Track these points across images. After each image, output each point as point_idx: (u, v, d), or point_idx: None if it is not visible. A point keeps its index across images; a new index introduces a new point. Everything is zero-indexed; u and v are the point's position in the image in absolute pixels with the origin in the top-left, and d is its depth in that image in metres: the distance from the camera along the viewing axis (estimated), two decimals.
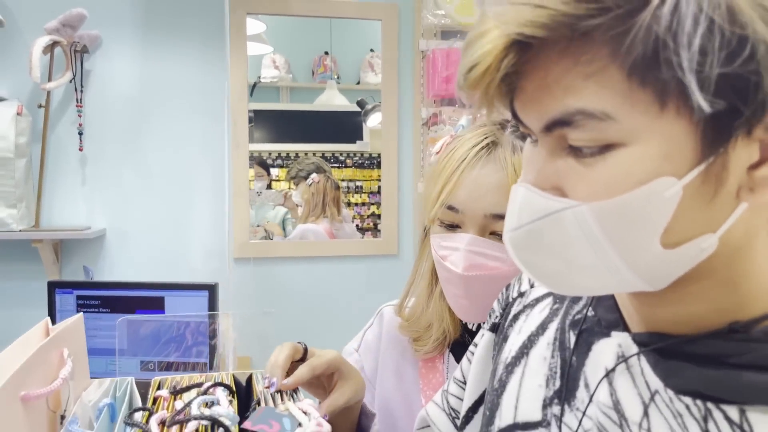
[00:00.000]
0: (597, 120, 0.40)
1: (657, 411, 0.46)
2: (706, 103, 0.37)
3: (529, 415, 0.57)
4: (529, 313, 0.64)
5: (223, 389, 0.60)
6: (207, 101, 2.19)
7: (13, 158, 1.93)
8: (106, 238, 2.16)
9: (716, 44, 0.36)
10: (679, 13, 0.36)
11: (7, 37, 2.04)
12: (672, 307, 0.47)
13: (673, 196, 0.40)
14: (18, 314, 2.07)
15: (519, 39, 0.40)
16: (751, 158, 0.41)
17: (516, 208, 0.46)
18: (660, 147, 0.40)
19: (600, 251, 0.43)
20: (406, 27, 2.30)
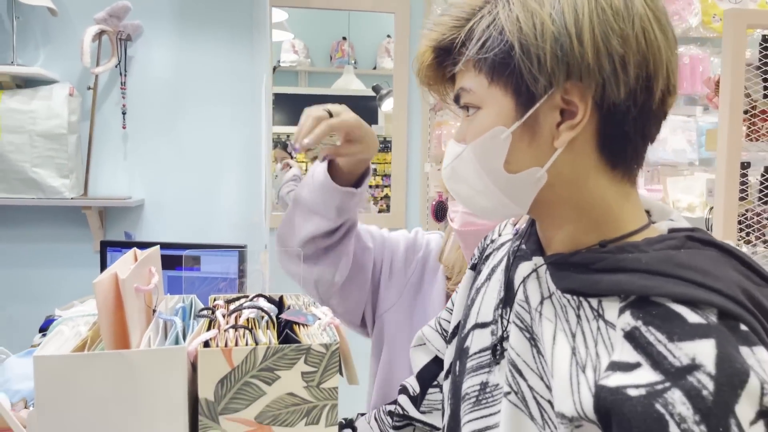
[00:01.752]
0: (466, 92, 0.67)
1: (549, 302, 0.69)
2: (512, 83, 0.64)
3: (485, 317, 0.80)
4: (496, 253, 0.87)
5: (263, 299, 0.84)
6: (235, 85, 2.43)
7: (66, 134, 2.18)
8: (144, 207, 2.41)
9: (501, 46, 0.63)
10: (488, 27, 0.64)
11: (59, 26, 2.29)
12: (556, 230, 0.70)
13: (506, 138, 0.65)
14: (68, 272, 2.34)
15: (434, 47, 0.69)
16: (555, 119, 0.64)
17: (447, 153, 0.72)
18: (495, 108, 0.65)
19: (480, 177, 0.68)
20: (417, 19, 2.51)
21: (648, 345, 0.58)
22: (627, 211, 0.68)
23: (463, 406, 0.79)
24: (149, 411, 0.66)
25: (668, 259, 0.62)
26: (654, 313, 0.59)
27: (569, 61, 0.61)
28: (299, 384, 0.69)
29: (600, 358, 0.62)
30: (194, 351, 0.68)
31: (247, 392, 0.67)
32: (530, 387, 0.69)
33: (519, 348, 0.71)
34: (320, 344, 0.69)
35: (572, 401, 0.61)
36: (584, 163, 0.66)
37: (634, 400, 0.55)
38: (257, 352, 0.67)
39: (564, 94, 0.63)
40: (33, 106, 2.15)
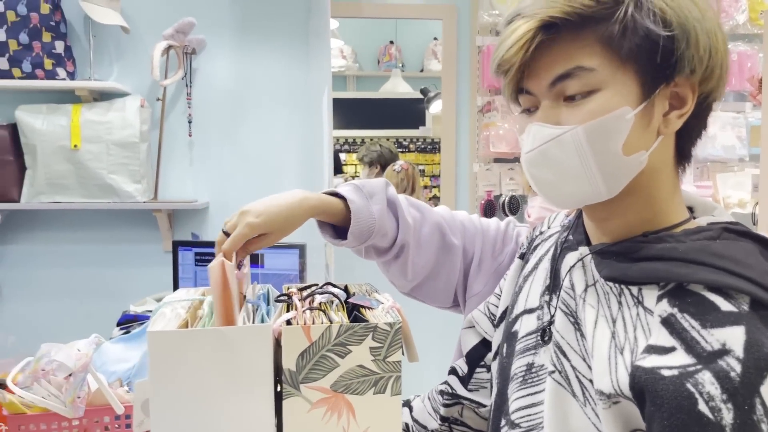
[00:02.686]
0: (587, 71, 0.68)
1: (593, 289, 0.76)
2: (639, 69, 0.68)
3: (532, 303, 0.88)
4: (543, 244, 0.94)
5: (332, 287, 0.95)
6: (291, 91, 2.56)
7: (138, 142, 2.35)
8: (209, 209, 2.57)
9: (651, 33, 0.67)
10: (635, 13, 0.68)
11: (131, 43, 2.47)
12: (614, 220, 0.75)
13: (630, 119, 0.68)
14: (140, 271, 2.51)
15: (546, 22, 0.68)
16: (664, 108, 0.70)
17: (530, 137, 0.72)
18: (621, 90, 0.68)
19: (584, 160, 0.69)
20: (463, 25, 2.59)
21: (683, 331, 0.63)
22: (674, 205, 0.75)
23: (510, 386, 0.86)
24: (242, 379, 0.77)
25: (703, 249, 0.67)
26: (689, 301, 0.65)
27: (694, 56, 0.68)
28: (368, 357, 0.79)
29: (638, 341, 0.67)
30: (278, 328, 0.79)
31: (324, 364, 0.78)
32: (573, 367, 0.75)
33: (564, 331, 0.78)
34: (385, 323, 0.79)
35: (610, 379, 0.67)
36: (667, 154, 0.73)
37: (667, 379, 0.61)
38: (332, 330, 0.78)
39: (675, 87, 0.70)
40: (108, 118, 2.33)
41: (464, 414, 1.10)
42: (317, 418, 0.79)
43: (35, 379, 1.15)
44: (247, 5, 2.52)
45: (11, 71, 2.28)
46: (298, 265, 1.96)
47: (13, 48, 2.26)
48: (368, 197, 1.05)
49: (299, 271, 1.95)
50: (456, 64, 2.61)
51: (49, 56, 2.29)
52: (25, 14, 2.25)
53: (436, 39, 3.91)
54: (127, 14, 2.42)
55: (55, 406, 1.12)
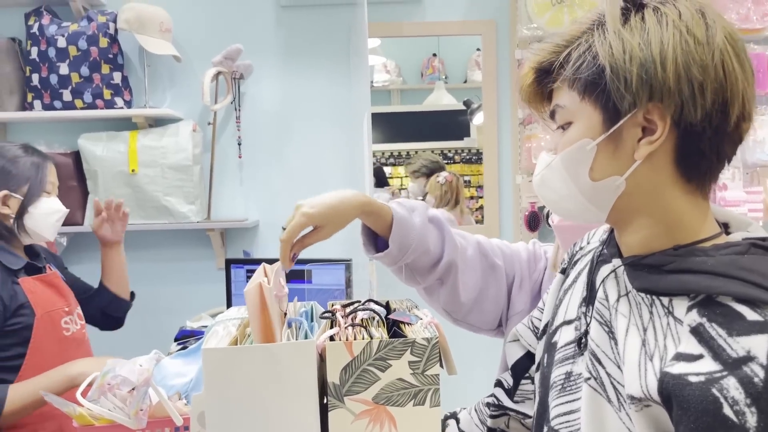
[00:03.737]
0: (561, 108, 0.78)
1: (625, 299, 0.79)
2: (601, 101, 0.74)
3: (570, 314, 0.91)
4: (582, 259, 0.97)
5: (373, 303, 1.00)
6: (336, 110, 2.64)
7: (191, 165, 2.47)
8: (259, 227, 2.66)
9: (594, 68, 0.73)
10: (584, 53, 0.74)
11: (182, 70, 2.59)
12: (633, 235, 0.80)
13: (592, 149, 0.75)
14: (195, 288, 2.62)
15: (535, 68, 0.80)
16: (637, 135, 0.74)
17: (539, 163, 0.83)
18: (584, 123, 0.76)
19: (566, 184, 0.78)
20: (503, 39, 2.62)
21: (710, 339, 0.66)
22: (699, 221, 0.77)
23: (550, 394, 0.90)
24: (289, 392, 0.83)
25: (732, 263, 0.70)
26: (717, 311, 0.68)
27: (652, 83, 0.71)
28: (407, 371, 0.83)
29: (667, 349, 0.71)
30: (322, 344, 0.84)
31: (365, 377, 0.83)
32: (608, 374, 0.79)
33: (598, 340, 0.81)
34: (423, 338, 0.84)
35: (639, 384, 0.71)
36: (661, 176, 0.76)
37: (694, 385, 0.64)
38: (372, 345, 0.83)
39: (646, 113, 0.73)
40: (163, 143, 2.45)
41: (510, 425, 1.13)
42: (360, 428, 0.83)
43: (102, 392, 1.24)
44: (291, 29, 2.62)
45: (74, 102, 2.43)
46: (344, 280, 2.02)
47: (75, 80, 2.41)
48: (410, 210, 1.11)
49: (345, 287, 2.00)
50: (496, 77, 2.64)
51: (107, 87, 2.43)
52: (86, 48, 2.40)
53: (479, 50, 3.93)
54: (178, 44, 2.54)
55: (120, 418, 1.19)
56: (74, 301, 1.75)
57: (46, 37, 2.40)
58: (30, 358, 1.56)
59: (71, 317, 1.69)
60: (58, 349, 1.61)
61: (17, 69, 2.48)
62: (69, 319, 1.68)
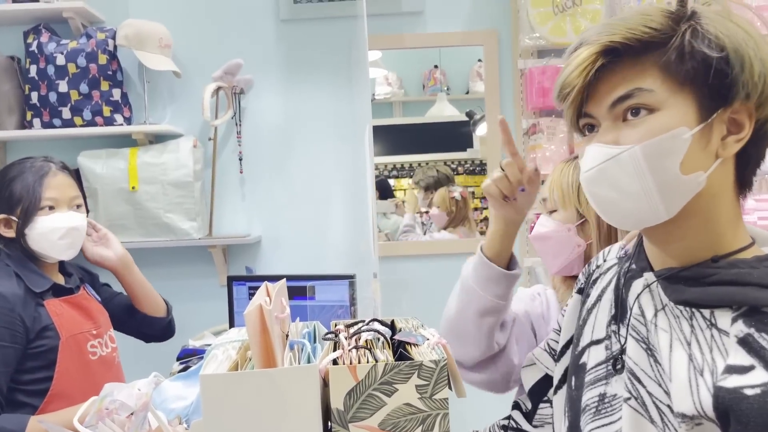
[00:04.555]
0: (646, 92, 0.72)
1: (663, 314, 0.76)
2: (696, 92, 0.72)
3: (599, 334, 0.88)
4: (603, 277, 0.94)
5: (378, 323, 0.96)
6: (338, 123, 2.61)
7: (192, 182, 2.44)
8: (262, 243, 2.63)
9: (706, 58, 0.71)
10: (692, 39, 0.72)
11: (182, 86, 2.57)
12: (675, 243, 0.76)
13: (688, 138, 0.71)
14: (198, 306, 2.58)
15: (607, 47, 0.73)
16: (722, 132, 0.73)
17: (589, 157, 0.76)
18: (678, 111, 0.71)
19: (641, 177, 0.72)
20: (505, 49, 2.60)
21: (761, 349, 0.66)
22: (738, 230, 0.76)
23: (583, 418, 0.86)
24: (291, 419, 0.79)
25: None
26: (766, 321, 0.67)
27: (749, 81, 0.71)
28: (414, 395, 0.80)
29: (716, 362, 0.69)
30: (324, 368, 0.80)
31: (371, 403, 0.79)
32: (649, 393, 0.76)
33: (637, 358, 0.79)
34: (431, 360, 0.80)
35: (692, 401, 0.69)
36: (726, 179, 0.75)
37: (751, 398, 0.63)
38: (377, 368, 0.79)
39: (732, 112, 0.72)
40: (163, 159, 2.42)
41: None
42: None
43: (100, 418, 1.20)
44: (291, 43, 2.60)
45: (73, 120, 2.41)
46: (348, 297, 1.98)
47: (75, 98, 2.39)
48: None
49: (349, 303, 1.97)
50: (499, 88, 2.61)
51: (107, 104, 2.41)
52: (85, 66, 2.38)
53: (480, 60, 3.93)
54: (177, 59, 2.53)
55: None
56: (105, 323, 1.71)
57: (44, 54, 2.39)
58: (57, 382, 1.52)
59: (100, 340, 1.65)
60: (84, 373, 1.57)
61: (16, 87, 2.46)
62: (97, 342, 1.63)
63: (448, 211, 3.02)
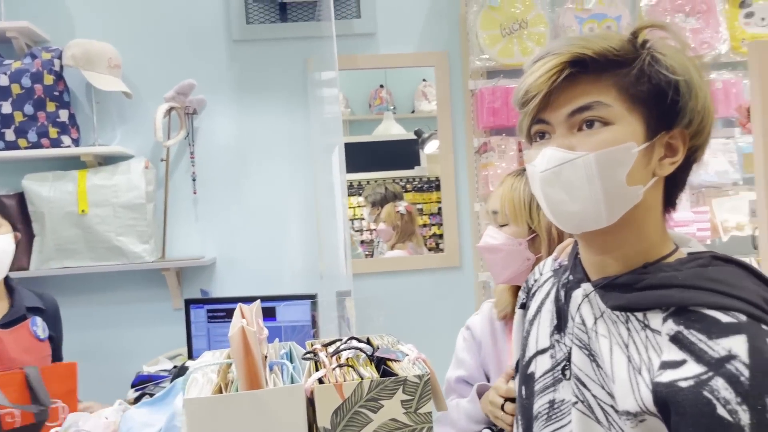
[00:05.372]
0: (604, 106, 0.77)
1: (602, 320, 0.82)
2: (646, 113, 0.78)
3: (543, 344, 0.93)
4: (541, 289, 1.00)
5: (356, 341, 0.98)
6: (292, 143, 2.61)
7: (144, 203, 2.39)
8: (216, 265, 2.60)
9: (661, 84, 0.77)
10: (651, 65, 0.77)
11: (132, 107, 2.53)
12: (612, 252, 0.82)
13: (635, 153, 0.77)
14: (151, 330, 2.52)
15: (575, 58, 0.77)
16: (660, 154, 0.79)
17: (545, 159, 0.80)
18: (630, 127, 0.77)
19: (591, 183, 0.77)
20: (455, 70, 2.67)
21: (691, 344, 0.71)
22: (664, 239, 0.83)
23: (536, 424, 0.91)
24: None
25: (699, 275, 0.76)
26: (693, 318, 0.73)
27: (694, 110, 0.78)
28: (399, 410, 0.81)
29: (652, 360, 0.75)
30: (310, 387, 0.81)
31: (357, 420, 0.80)
32: (594, 396, 0.82)
33: (581, 364, 0.84)
34: (415, 375, 0.82)
35: (634, 399, 0.74)
36: (658, 196, 0.82)
37: (686, 390, 0.68)
38: (363, 386, 0.80)
39: (671, 138, 0.79)
40: (114, 181, 2.37)
41: None
42: None
43: None
44: (244, 63, 2.60)
45: (17, 142, 2.33)
46: (310, 316, 1.98)
47: (19, 119, 2.32)
48: None
49: (311, 323, 1.97)
50: (450, 107, 2.68)
51: (54, 125, 2.35)
52: (30, 86, 2.31)
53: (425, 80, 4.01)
54: (127, 79, 2.48)
55: None
56: (18, 363, 1.64)
57: None
58: None
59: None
60: None
61: None
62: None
63: (393, 226, 3.06)
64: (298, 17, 2.61)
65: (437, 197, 3.15)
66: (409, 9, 2.65)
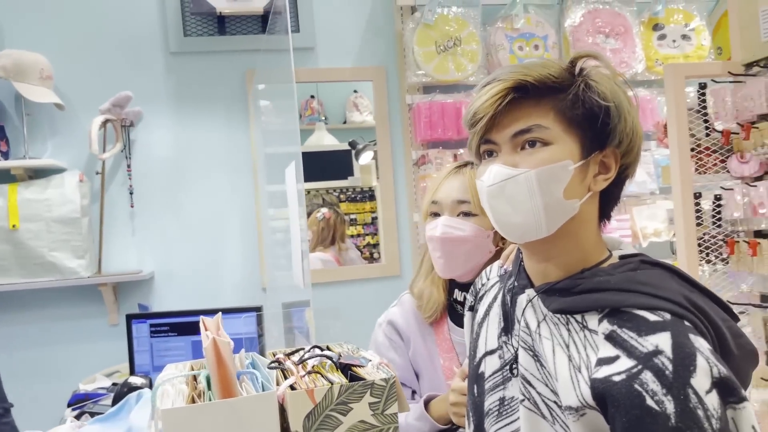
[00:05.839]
0: (543, 128, 0.85)
1: (545, 323, 0.89)
2: (581, 134, 0.86)
3: (491, 345, 1.00)
4: (488, 293, 1.07)
5: (317, 350, 1.02)
6: (232, 157, 2.62)
7: (79, 218, 2.34)
8: (155, 279, 2.56)
9: (593, 107, 0.86)
10: (585, 91, 0.86)
11: (65, 119, 2.47)
12: (553, 260, 0.90)
13: (571, 170, 0.85)
14: (87, 347, 2.46)
15: (517, 85, 0.85)
16: (595, 171, 0.88)
17: (492, 174, 0.87)
18: (566, 147, 0.85)
19: (532, 197, 0.84)
20: (393, 85, 2.75)
21: (623, 341, 0.79)
22: (599, 246, 0.92)
23: (487, 420, 0.99)
24: None
25: (629, 279, 0.85)
26: (624, 318, 0.81)
27: (623, 132, 0.87)
28: (368, 412, 0.86)
29: (589, 357, 0.83)
30: (282, 394, 0.85)
31: (328, 423, 0.85)
32: (539, 393, 0.90)
33: (526, 364, 0.92)
34: (381, 379, 0.87)
35: (575, 395, 0.82)
36: (593, 209, 0.90)
37: (619, 383, 0.76)
38: (333, 390, 0.85)
39: (604, 156, 0.88)
40: (47, 195, 2.30)
41: None
42: None
43: None
44: (181, 75, 2.58)
45: None
46: (256, 328, 1.99)
47: None
48: None
49: (257, 335, 1.98)
50: (388, 120, 2.75)
51: None
52: None
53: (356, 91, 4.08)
54: (60, 91, 2.43)
55: None
56: None
57: None
58: None
59: None
60: None
61: None
62: None
63: (312, 231, 3.12)
64: (237, 30, 2.63)
65: (371, 207, 3.22)
66: (347, 24, 2.71)
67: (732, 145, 1.72)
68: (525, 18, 2.66)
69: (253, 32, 2.63)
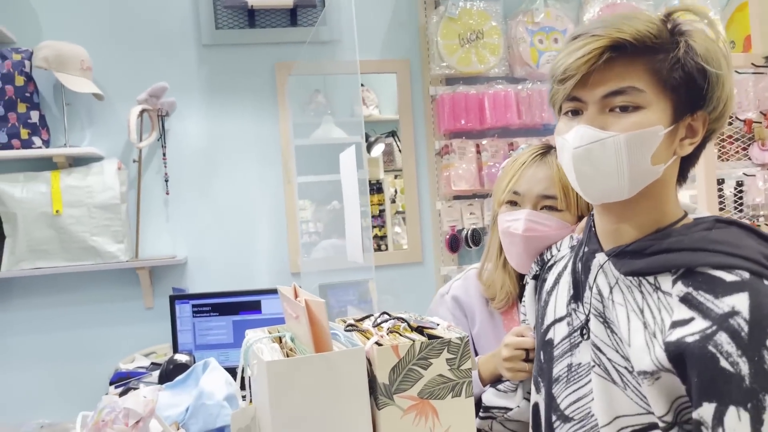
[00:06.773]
0: (637, 91, 0.81)
1: (618, 288, 0.91)
2: (675, 98, 0.83)
3: (560, 312, 1.03)
4: (558, 263, 1.10)
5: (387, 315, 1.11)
6: (261, 144, 2.70)
7: (119, 204, 2.42)
8: (187, 264, 2.65)
9: (693, 73, 0.82)
10: (685, 54, 0.82)
11: (102, 108, 2.55)
12: (629, 221, 0.89)
13: (661, 135, 0.82)
14: (125, 328, 2.54)
15: (614, 43, 0.80)
16: (682, 135, 0.85)
17: (578, 136, 0.84)
18: (659, 111, 0.82)
19: (619, 162, 0.82)
20: (416, 77, 2.83)
21: (699, 303, 0.79)
22: (676, 208, 0.92)
23: (556, 387, 1.01)
24: (344, 396, 0.92)
25: (704, 238, 0.84)
26: (700, 279, 0.81)
27: (719, 97, 0.84)
28: (445, 367, 0.95)
29: (664, 321, 0.83)
30: (369, 349, 0.94)
31: (411, 376, 0.94)
32: (609, 359, 0.92)
33: (597, 331, 0.94)
34: (457, 337, 0.96)
35: (650, 359, 0.83)
36: (674, 172, 0.90)
37: (692, 344, 0.77)
38: (415, 346, 0.94)
39: (693, 120, 0.86)
40: (88, 182, 2.39)
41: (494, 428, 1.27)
42: (408, 422, 0.94)
43: (97, 430, 1.23)
44: (213, 67, 2.67)
45: None
46: None
47: None
48: None
49: None
50: (412, 112, 2.84)
51: (24, 126, 2.35)
52: (0, 87, 2.30)
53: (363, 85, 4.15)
54: (97, 82, 2.50)
55: None
56: None
57: None
58: None
59: None
60: None
61: None
62: None
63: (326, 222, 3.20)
64: (266, 23, 2.71)
65: (378, 199, 3.29)
66: (373, 18, 2.80)
67: (754, 133, 1.81)
68: (545, 12, 2.75)
69: (282, 25, 2.71)
